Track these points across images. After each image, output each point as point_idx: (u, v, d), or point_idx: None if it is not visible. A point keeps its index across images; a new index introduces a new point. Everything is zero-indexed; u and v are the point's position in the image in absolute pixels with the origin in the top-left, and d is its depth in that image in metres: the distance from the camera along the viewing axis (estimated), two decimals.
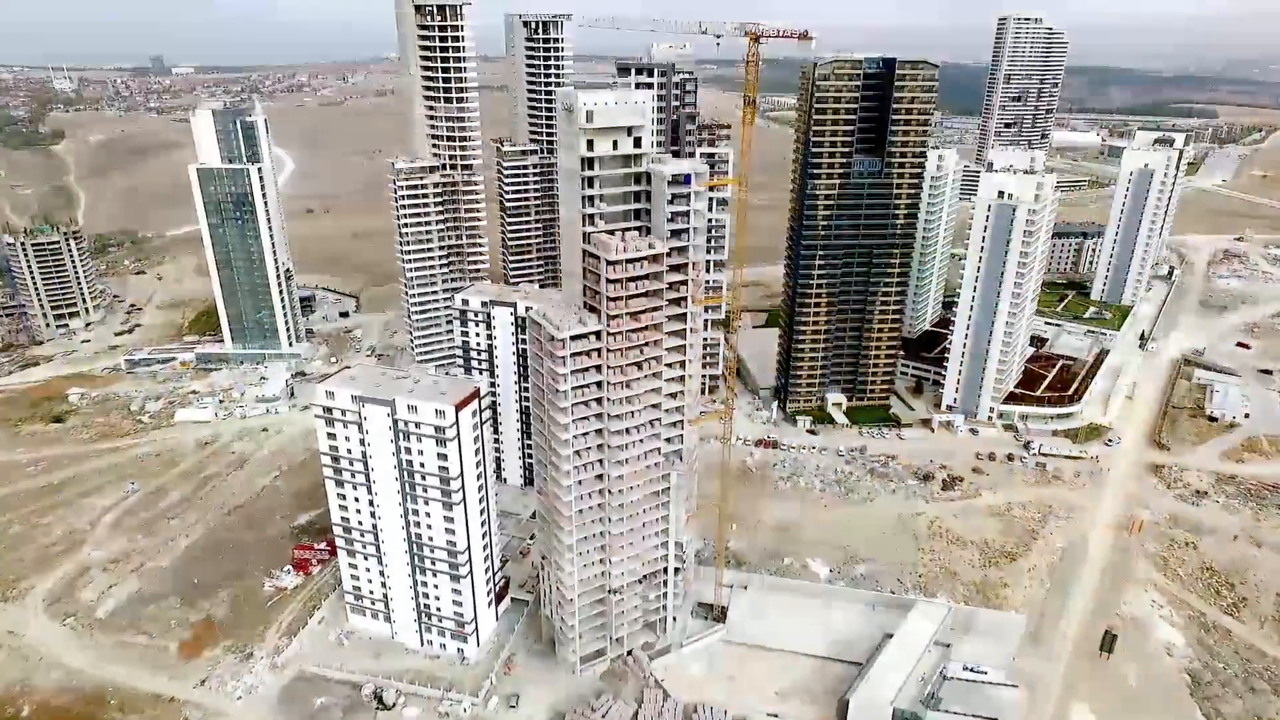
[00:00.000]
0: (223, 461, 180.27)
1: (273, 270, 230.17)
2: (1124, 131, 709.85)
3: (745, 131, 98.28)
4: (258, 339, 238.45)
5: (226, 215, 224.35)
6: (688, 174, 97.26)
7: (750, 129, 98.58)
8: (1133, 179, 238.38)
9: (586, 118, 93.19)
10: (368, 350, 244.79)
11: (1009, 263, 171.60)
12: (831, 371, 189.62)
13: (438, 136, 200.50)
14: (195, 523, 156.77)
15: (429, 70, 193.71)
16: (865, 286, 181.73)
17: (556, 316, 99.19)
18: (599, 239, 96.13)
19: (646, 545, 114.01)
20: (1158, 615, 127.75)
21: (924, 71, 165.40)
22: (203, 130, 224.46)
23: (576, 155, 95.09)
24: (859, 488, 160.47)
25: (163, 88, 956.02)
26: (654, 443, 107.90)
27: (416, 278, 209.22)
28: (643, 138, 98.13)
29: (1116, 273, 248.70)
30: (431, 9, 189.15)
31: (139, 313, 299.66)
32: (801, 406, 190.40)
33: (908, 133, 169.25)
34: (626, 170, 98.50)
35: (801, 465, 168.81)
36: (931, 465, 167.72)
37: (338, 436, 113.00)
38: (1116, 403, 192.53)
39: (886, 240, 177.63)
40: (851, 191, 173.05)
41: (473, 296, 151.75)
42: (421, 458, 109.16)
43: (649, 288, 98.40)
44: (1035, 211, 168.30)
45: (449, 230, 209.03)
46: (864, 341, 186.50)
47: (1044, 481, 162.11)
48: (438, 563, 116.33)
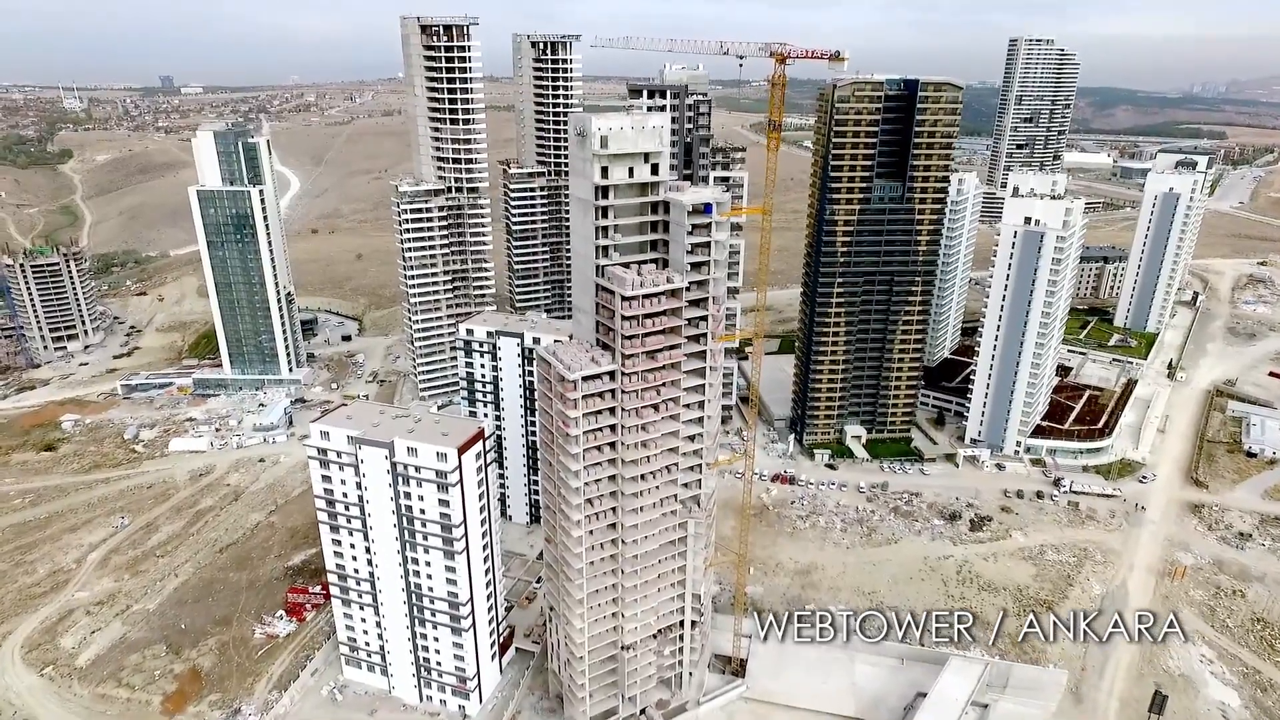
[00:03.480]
0: (216, 495, 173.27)
1: (273, 294, 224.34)
2: (1134, 153, 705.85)
3: (770, 159, 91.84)
4: (257, 364, 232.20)
5: (227, 238, 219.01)
6: (708, 203, 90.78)
7: (775, 156, 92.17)
8: (1157, 203, 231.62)
9: (600, 143, 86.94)
10: (369, 376, 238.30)
11: (1036, 292, 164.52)
12: (850, 403, 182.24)
13: (443, 159, 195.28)
14: (185, 562, 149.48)
15: (435, 92, 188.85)
16: (886, 316, 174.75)
17: (567, 355, 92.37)
18: (614, 273, 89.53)
19: (662, 598, 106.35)
20: (1208, 672, 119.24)
21: (948, 93, 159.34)
22: (204, 151, 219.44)
23: (589, 183, 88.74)
24: (882, 528, 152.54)
25: (171, 107, 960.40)
26: (671, 489, 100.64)
27: (420, 303, 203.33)
28: (660, 164, 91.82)
29: (1141, 299, 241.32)
30: (437, 29, 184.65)
31: (139, 335, 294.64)
32: (819, 439, 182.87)
33: (930, 157, 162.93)
34: (643, 199, 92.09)
35: (821, 503, 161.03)
36: (957, 503, 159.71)
37: (333, 479, 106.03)
38: (1148, 436, 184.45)
39: (908, 268, 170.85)
40: (872, 217, 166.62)
41: (477, 326, 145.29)
42: (422, 503, 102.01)
43: (667, 325, 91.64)
44: (1064, 239, 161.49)
45: (454, 255, 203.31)
46: (884, 372, 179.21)
47: (1077, 522, 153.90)
48: (438, 614, 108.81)
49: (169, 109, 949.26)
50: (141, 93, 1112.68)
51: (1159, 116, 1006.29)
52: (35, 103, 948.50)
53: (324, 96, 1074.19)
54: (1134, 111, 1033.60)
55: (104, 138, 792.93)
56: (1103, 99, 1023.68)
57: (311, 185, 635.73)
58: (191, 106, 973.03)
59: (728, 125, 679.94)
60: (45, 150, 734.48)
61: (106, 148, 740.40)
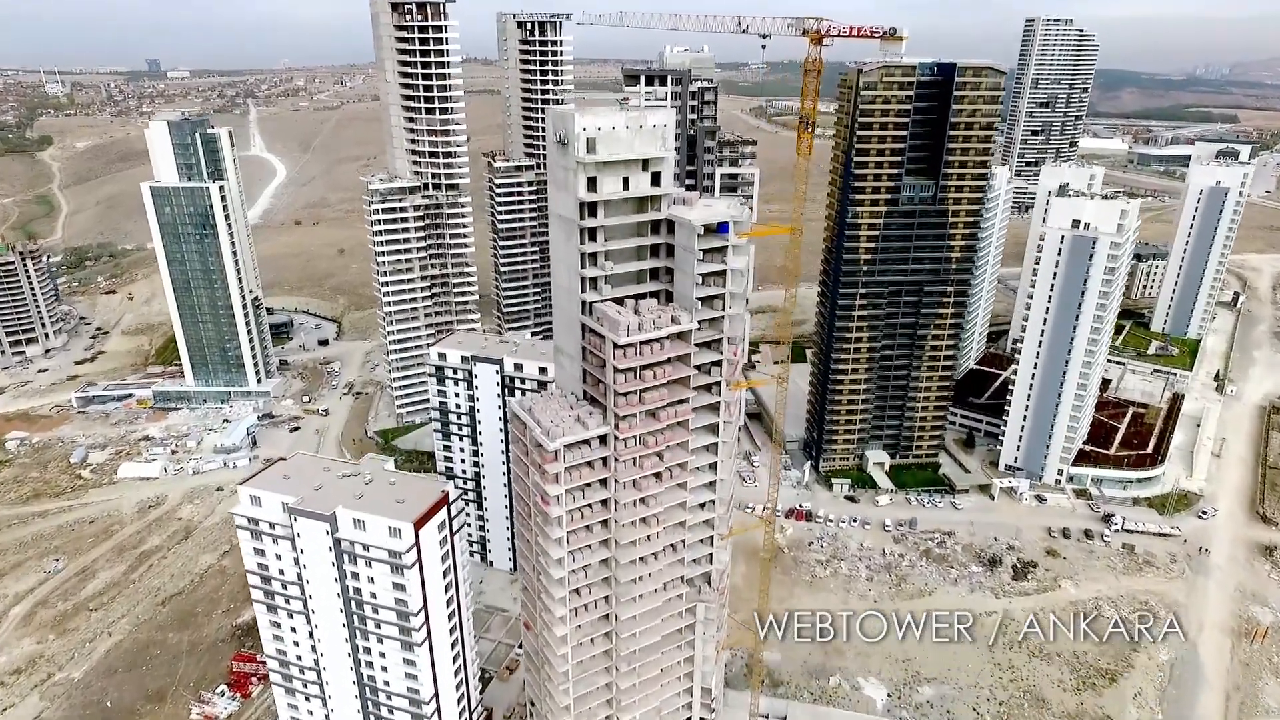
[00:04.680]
0: (165, 531, 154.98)
1: (238, 300, 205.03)
2: (1148, 138, 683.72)
3: (801, 165, 72.81)
4: (222, 374, 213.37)
5: (185, 238, 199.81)
6: (723, 222, 71.83)
7: (806, 161, 73.18)
8: (1203, 197, 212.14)
9: (587, 147, 67.83)
10: (344, 388, 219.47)
11: (1085, 305, 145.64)
12: (873, 426, 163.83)
13: (419, 152, 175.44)
14: (122, 617, 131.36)
15: (408, 77, 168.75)
16: (914, 329, 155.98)
17: (547, 414, 73.62)
18: (604, 312, 70.66)
19: (665, 694, 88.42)
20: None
21: (988, 79, 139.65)
22: (158, 144, 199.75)
23: (572, 198, 69.74)
24: (913, 576, 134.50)
25: (156, 92, 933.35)
26: (676, 570, 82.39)
27: (396, 312, 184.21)
28: (663, 173, 72.71)
29: (1182, 302, 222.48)
30: (410, 7, 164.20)
31: (105, 338, 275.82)
32: (837, 466, 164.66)
33: (967, 151, 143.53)
34: (641, 217, 73.04)
35: (842, 544, 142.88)
36: (996, 545, 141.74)
37: (267, 554, 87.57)
38: (1202, 461, 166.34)
39: (940, 277, 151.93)
40: (900, 219, 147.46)
41: (451, 350, 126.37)
42: (372, 586, 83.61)
43: (672, 375, 72.92)
44: (1119, 245, 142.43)
45: (432, 259, 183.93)
46: (911, 392, 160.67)
47: (1134, 568, 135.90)
48: (396, 711, 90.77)
49: (153, 93, 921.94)
50: (127, 77, 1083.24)
51: (1165, 99, 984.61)
52: (15, 87, 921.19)
53: (313, 80, 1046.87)
54: (1139, 94, 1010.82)
55: (85, 123, 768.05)
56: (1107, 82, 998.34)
57: (298, 173, 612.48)
58: (177, 91, 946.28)
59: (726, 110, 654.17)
60: (24, 137, 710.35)
61: (88, 134, 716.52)
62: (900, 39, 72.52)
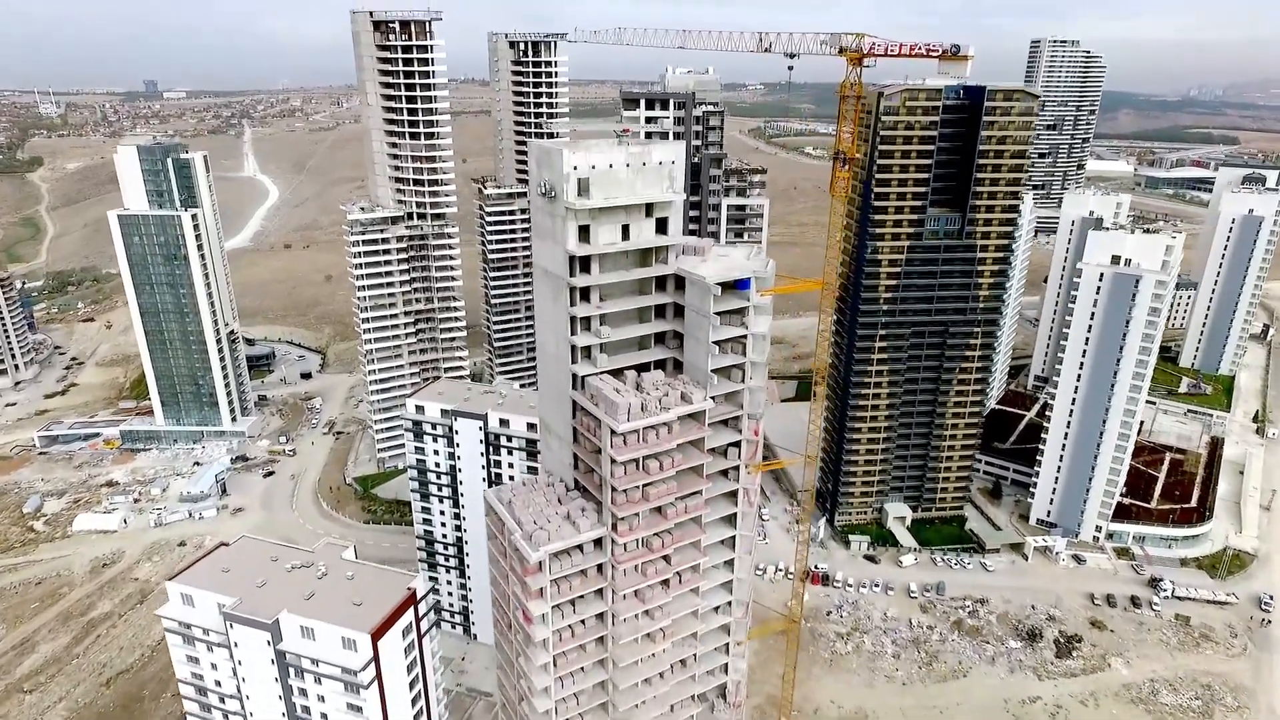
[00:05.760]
0: (118, 595, 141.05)
1: (211, 333, 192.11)
2: (1153, 160, 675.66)
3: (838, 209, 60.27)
4: (195, 413, 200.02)
5: (154, 269, 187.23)
6: (744, 278, 59.27)
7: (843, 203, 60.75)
8: (1235, 226, 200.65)
9: (578, 189, 55.38)
10: (324, 427, 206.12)
11: (1128, 348, 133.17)
12: (893, 477, 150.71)
13: (402, 180, 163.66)
14: (58, 701, 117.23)
15: (391, 99, 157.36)
16: (938, 372, 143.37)
17: (529, 511, 60.50)
18: (599, 390, 57.77)
19: None
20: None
21: (1020, 103, 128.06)
22: (127, 170, 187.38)
23: (561, 251, 57.18)
24: (945, 652, 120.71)
25: (151, 112, 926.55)
26: (686, 688, 68.93)
27: (378, 350, 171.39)
28: (670, 219, 60.28)
29: (1213, 336, 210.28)
30: (393, 26, 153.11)
31: (78, 369, 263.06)
32: (854, 521, 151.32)
33: (997, 181, 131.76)
34: (644, 272, 60.43)
35: (864, 614, 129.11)
36: (1034, 615, 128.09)
37: (201, 663, 74.04)
38: (1251, 515, 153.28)
39: (966, 317, 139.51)
40: (923, 255, 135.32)
41: (430, 401, 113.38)
42: (324, 706, 70.06)
43: (683, 464, 59.94)
44: (1164, 283, 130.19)
45: (417, 293, 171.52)
46: (935, 440, 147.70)
47: (1189, 643, 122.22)
48: None
49: (149, 114, 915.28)
50: (123, 97, 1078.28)
51: (1162, 120, 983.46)
52: (9, 108, 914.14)
53: (310, 101, 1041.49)
54: (1136, 116, 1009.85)
55: (78, 144, 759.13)
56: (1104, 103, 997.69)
57: (291, 195, 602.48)
58: (172, 111, 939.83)
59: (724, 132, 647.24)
60: (14, 158, 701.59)
61: (79, 155, 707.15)
62: (965, 59, 59.92)
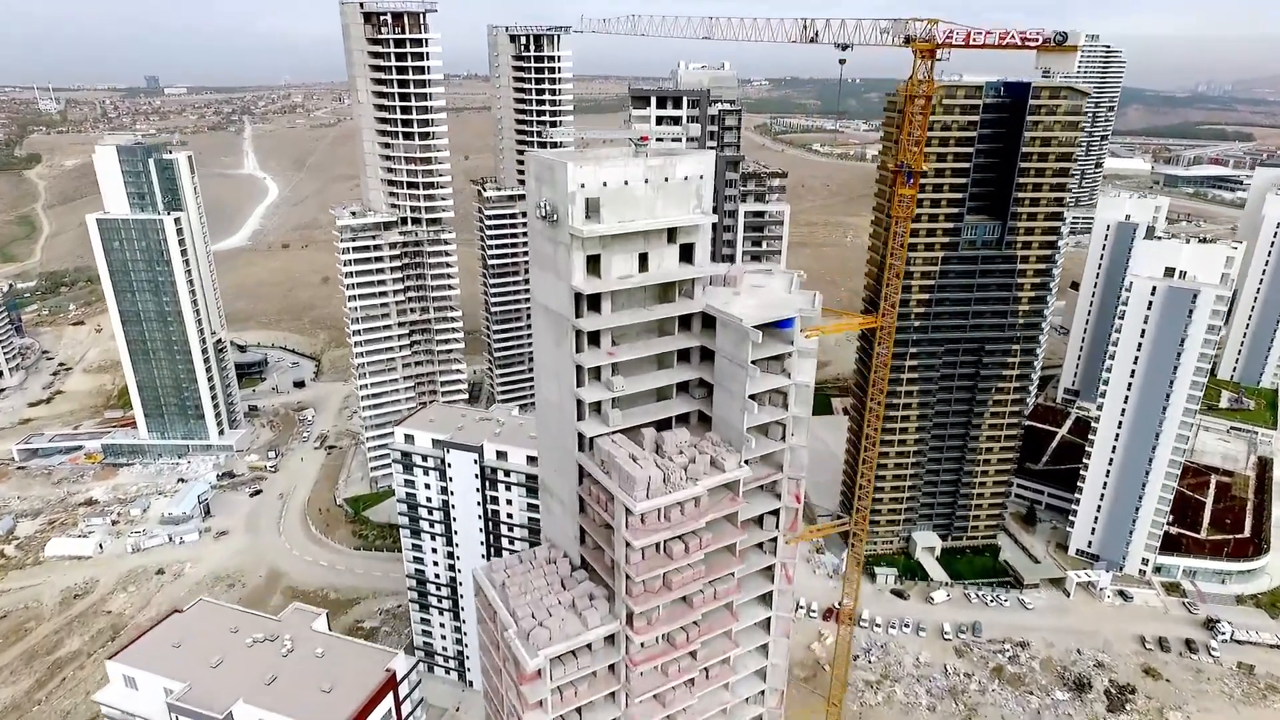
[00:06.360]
0: (88, 631, 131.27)
1: (196, 343, 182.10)
2: (1169, 157, 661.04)
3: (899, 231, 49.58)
4: (180, 426, 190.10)
5: (136, 275, 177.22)
6: (786, 318, 48.59)
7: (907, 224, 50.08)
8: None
9: (585, 211, 44.72)
10: (316, 440, 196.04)
11: (1184, 365, 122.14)
12: (922, 504, 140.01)
13: (396, 183, 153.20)
14: None
15: (383, 98, 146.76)
16: (972, 394, 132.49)
17: (524, 600, 49.88)
18: (611, 455, 47.09)
19: None
20: None
21: (1068, 101, 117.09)
22: (106, 172, 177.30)
23: (565, 286, 46.53)
24: (985, 706, 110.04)
25: (151, 109, 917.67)
26: None
27: (370, 363, 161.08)
28: (696, 245, 49.59)
29: (1255, 348, 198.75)
30: (385, 18, 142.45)
31: (65, 375, 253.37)
32: (880, 551, 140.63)
33: (1040, 186, 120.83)
34: (666, 311, 49.68)
35: (895, 659, 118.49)
36: (1081, 660, 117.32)
37: None
38: None
39: (1004, 333, 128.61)
40: (959, 266, 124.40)
41: (420, 430, 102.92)
42: None
43: (713, 544, 49.29)
44: (1223, 298, 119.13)
45: (412, 303, 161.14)
46: (968, 465, 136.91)
47: (1254, 695, 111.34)
48: None
49: (149, 110, 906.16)
50: (124, 94, 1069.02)
51: (1172, 116, 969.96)
52: (8, 104, 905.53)
53: (311, 97, 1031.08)
54: (1145, 111, 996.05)
55: (77, 141, 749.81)
56: None
57: (290, 192, 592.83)
58: (173, 108, 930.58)
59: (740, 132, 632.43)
60: (12, 155, 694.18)
61: (78, 152, 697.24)
62: (1071, 49, 49.38)
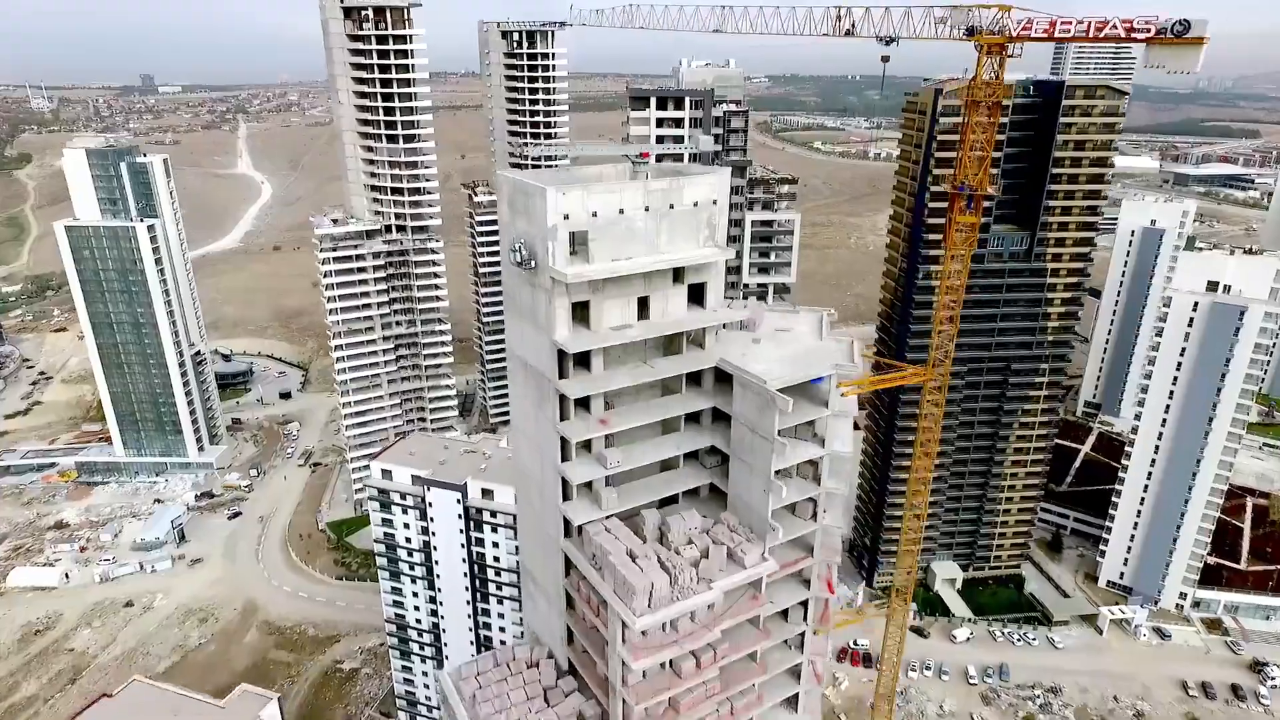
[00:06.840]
0: (48, 672, 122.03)
1: (173, 356, 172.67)
2: (1177, 155, 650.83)
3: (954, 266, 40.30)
4: (157, 442, 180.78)
5: (108, 285, 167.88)
6: (818, 375, 39.25)
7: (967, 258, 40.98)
8: None
9: (571, 248, 35.35)
10: (301, 457, 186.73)
11: (1229, 386, 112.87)
12: (942, 532, 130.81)
13: (379, 189, 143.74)
14: None
15: (365, 98, 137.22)
16: (997, 414, 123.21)
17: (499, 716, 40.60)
18: (604, 551, 37.71)
19: None
20: None
21: (1104, 101, 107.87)
22: (76, 176, 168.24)
23: (546, 341, 37.15)
24: None
25: (145, 107, 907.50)
26: None
27: (353, 380, 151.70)
28: (710, 285, 40.21)
29: None
30: (366, 13, 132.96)
31: (45, 385, 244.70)
32: None
33: (1073, 194, 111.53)
34: (672, 366, 40.30)
35: (917, 707, 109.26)
36: (1120, 709, 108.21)
37: None
38: None
39: (1032, 351, 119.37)
40: (984, 279, 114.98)
41: (399, 466, 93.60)
42: None
43: (729, 655, 40.00)
44: (1272, 314, 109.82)
45: (397, 316, 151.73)
46: (991, 491, 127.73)
47: None
48: None
49: (143, 109, 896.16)
50: (118, 92, 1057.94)
51: (1175, 113, 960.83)
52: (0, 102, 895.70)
53: (308, 95, 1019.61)
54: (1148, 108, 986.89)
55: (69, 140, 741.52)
56: None
57: (284, 192, 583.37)
58: (166, 106, 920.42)
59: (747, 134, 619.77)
60: (2, 155, 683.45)
61: None
62: (1198, 42, 39.64)
